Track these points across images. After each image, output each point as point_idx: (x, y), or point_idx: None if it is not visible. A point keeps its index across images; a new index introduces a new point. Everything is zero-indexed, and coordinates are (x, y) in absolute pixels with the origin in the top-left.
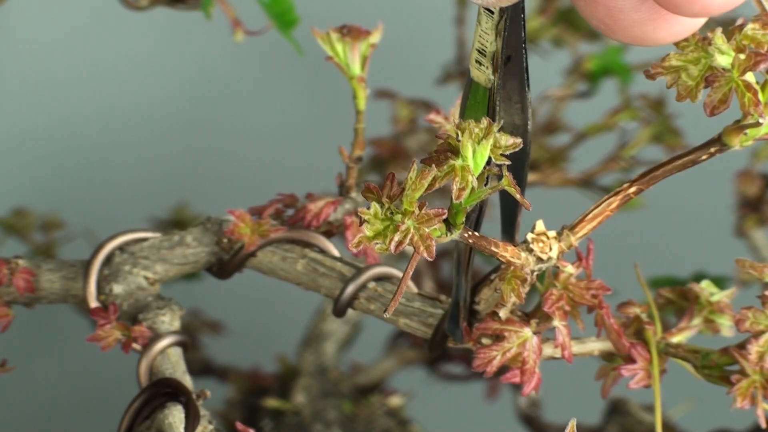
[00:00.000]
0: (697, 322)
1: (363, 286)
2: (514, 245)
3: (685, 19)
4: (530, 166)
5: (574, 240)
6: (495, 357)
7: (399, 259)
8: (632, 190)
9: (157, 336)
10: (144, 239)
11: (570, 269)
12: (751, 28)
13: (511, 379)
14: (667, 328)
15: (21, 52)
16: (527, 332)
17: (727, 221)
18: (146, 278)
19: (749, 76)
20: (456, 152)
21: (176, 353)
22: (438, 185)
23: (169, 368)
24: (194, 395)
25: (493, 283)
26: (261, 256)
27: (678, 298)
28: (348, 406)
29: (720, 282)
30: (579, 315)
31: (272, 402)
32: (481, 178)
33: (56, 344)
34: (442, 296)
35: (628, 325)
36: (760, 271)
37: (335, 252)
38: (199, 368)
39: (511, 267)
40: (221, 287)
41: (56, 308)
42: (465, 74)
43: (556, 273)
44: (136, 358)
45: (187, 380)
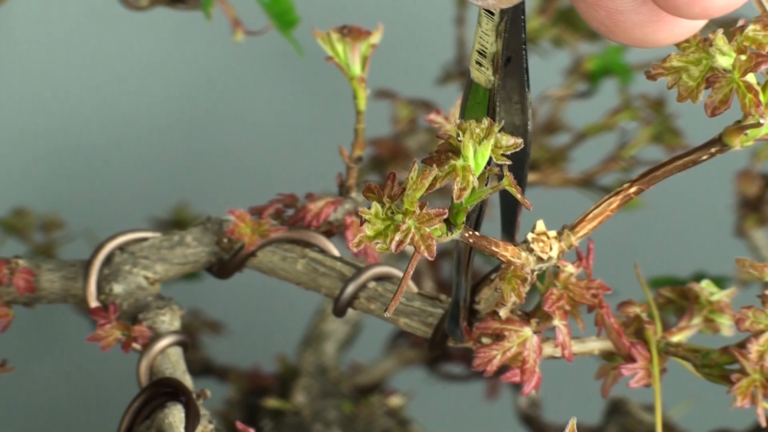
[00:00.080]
0: (697, 321)
1: (363, 286)
2: (515, 245)
3: (685, 21)
4: (530, 166)
5: (575, 240)
6: (495, 356)
7: (399, 258)
8: (632, 190)
9: (157, 336)
10: (144, 239)
11: (570, 269)
12: (752, 30)
13: (511, 378)
14: (667, 328)
15: (21, 52)
16: (527, 332)
17: (727, 221)
18: (146, 278)
19: (750, 77)
20: (457, 152)
21: (176, 353)
22: (439, 185)
23: (169, 368)
24: (194, 395)
25: (494, 282)
26: (261, 255)
27: (678, 298)
28: (348, 406)
29: (720, 282)
30: (579, 314)
31: (272, 402)
32: (481, 178)
33: (56, 344)
34: (442, 296)
35: (628, 325)
36: (760, 270)
37: (335, 252)
38: (199, 368)
39: (512, 267)
40: (221, 287)
41: (56, 308)
42: (465, 74)
43: (556, 273)
44: (136, 358)
45: (187, 380)
